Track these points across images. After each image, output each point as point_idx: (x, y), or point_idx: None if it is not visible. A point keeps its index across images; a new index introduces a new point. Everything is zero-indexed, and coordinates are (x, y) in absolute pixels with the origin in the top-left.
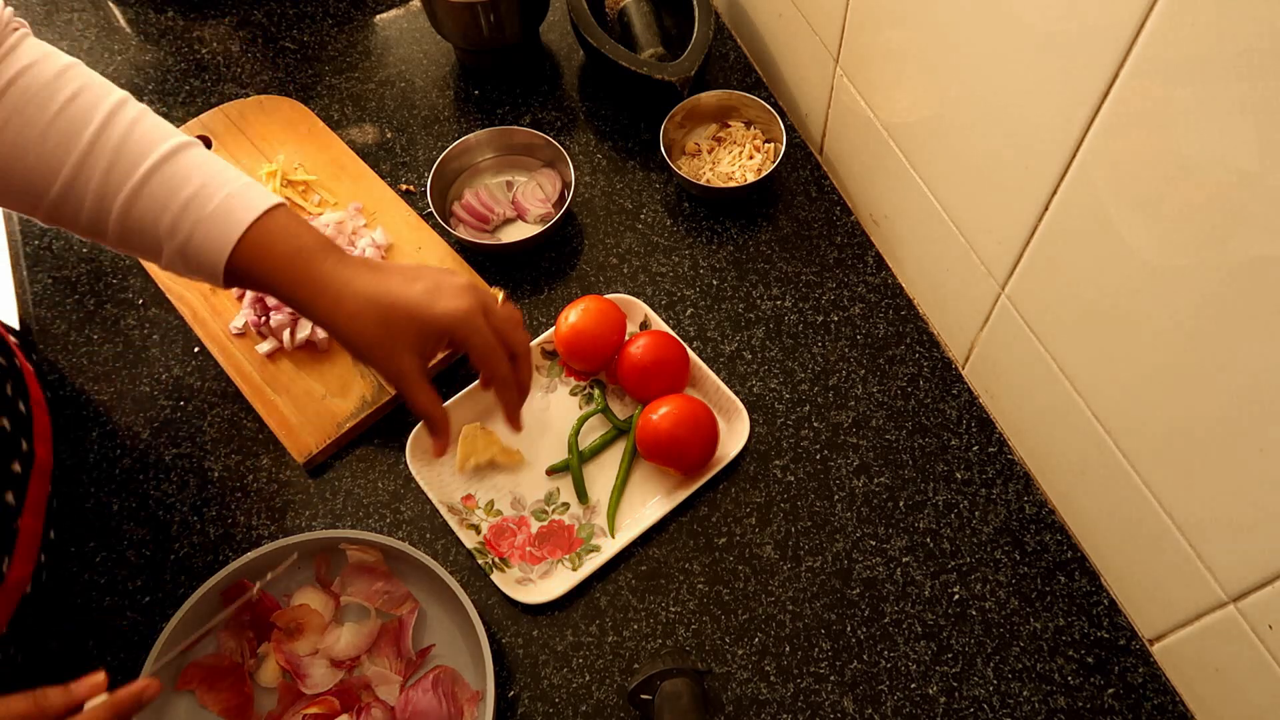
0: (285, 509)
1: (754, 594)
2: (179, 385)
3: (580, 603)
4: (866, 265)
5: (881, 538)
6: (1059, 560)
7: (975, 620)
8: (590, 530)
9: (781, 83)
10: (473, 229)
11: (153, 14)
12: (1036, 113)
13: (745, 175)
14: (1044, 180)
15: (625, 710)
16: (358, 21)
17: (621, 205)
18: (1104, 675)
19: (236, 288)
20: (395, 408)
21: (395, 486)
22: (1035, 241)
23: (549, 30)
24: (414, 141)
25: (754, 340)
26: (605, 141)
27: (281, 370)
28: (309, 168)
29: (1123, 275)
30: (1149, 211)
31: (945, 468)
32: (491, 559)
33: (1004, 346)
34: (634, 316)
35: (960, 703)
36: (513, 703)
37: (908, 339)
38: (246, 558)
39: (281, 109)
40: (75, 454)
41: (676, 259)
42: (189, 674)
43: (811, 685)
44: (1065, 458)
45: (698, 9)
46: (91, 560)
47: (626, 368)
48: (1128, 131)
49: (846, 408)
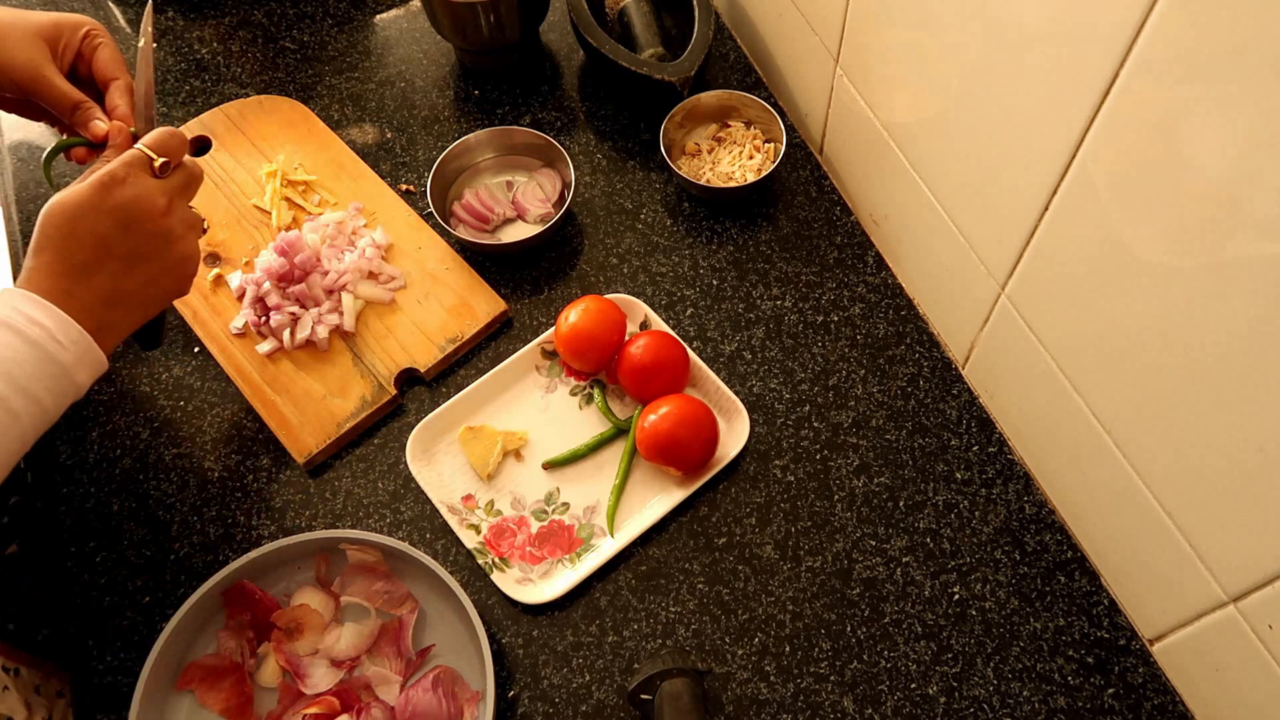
0: (285, 509)
1: (754, 594)
2: (179, 385)
3: (580, 603)
4: (866, 265)
5: (881, 538)
6: (1059, 560)
7: (975, 620)
8: (590, 530)
9: (781, 83)
10: (473, 229)
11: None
12: (1036, 113)
13: (745, 175)
14: (1044, 180)
15: (625, 710)
16: (358, 21)
17: (621, 205)
18: (1104, 675)
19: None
20: (395, 407)
21: (395, 486)
22: (1035, 241)
23: (549, 30)
24: (414, 141)
25: (754, 340)
26: (605, 141)
27: (281, 370)
28: (309, 168)
29: (1122, 275)
30: (1149, 211)
31: (945, 468)
32: (491, 559)
33: (1004, 346)
34: (634, 316)
35: (960, 703)
36: (513, 703)
37: (908, 339)
38: (246, 558)
39: (281, 109)
40: (75, 454)
41: (676, 259)
42: (189, 674)
43: (811, 685)
44: (1065, 458)
45: (698, 9)
46: (91, 560)
47: (626, 368)
48: (1128, 131)
49: (846, 408)
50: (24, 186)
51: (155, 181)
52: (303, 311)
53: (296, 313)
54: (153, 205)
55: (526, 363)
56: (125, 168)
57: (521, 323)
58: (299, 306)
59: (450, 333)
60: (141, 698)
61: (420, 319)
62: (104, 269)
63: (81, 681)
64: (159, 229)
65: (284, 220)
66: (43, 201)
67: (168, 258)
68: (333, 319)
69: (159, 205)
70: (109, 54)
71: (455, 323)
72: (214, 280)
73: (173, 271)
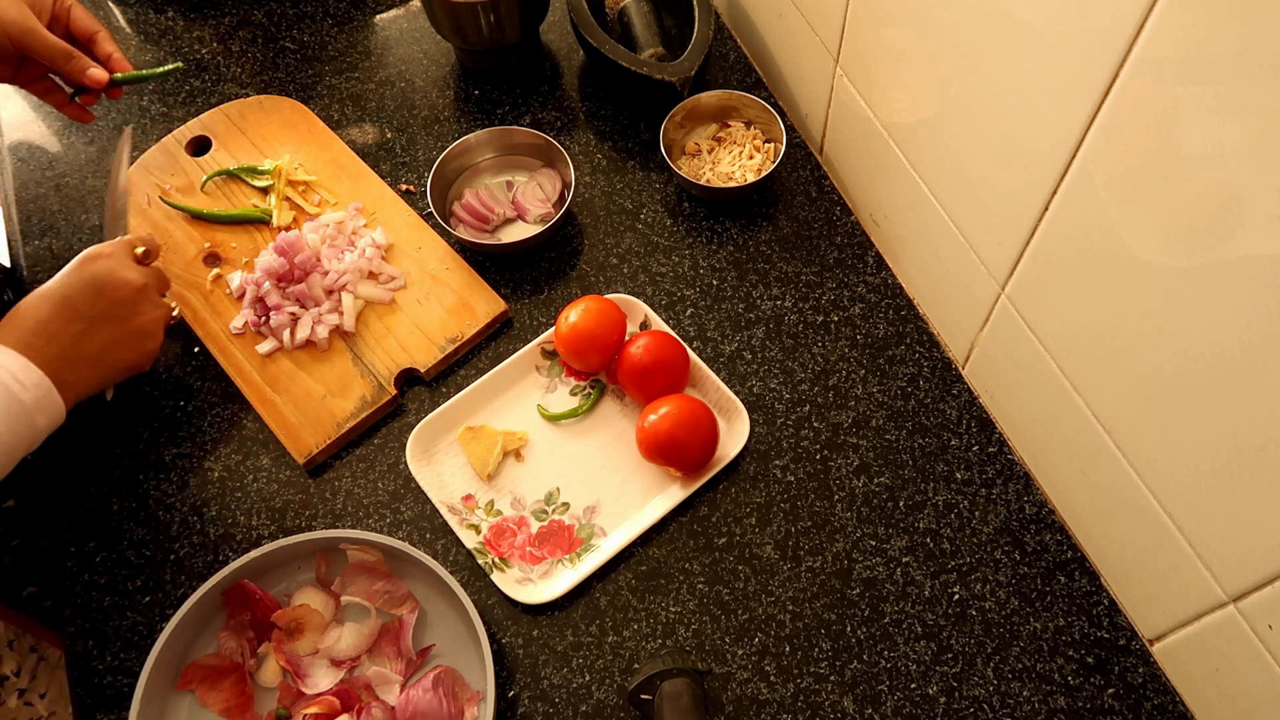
0: (285, 509)
1: (754, 594)
2: (179, 385)
3: (580, 603)
4: (866, 265)
5: (881, 538)
6: (1059, 560)
7: (975, 620)
8: (590, 530)
9: (781, 83)
10: (473, 229)
11: (153, 14)
12: (1036, 113)
13: (745, 175)
14: (1044, 180)
15: (625, 710)
16: (358, 21)
17: (621, 205)
18: (1104, 675)
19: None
20: (395, 407)
21: (395, 486)
22: (1035, 241)
23: (549, 30)
24: (414, 141)
25: (754, 340)
26: (605, 141)
27: (281, 370)
28: (309, 168)
29: (1122, 275)
30: (1149, 211)
31: (945, 468)
32: (491, 559)
33: (1004, 346)
34: (634, 316)
35: (960, 703)
36: (513, 703)
37: (908, 339)
38: (246, 558)
39: (281, 109)
40: (75, 454)
41: (676, 259)
42: (189, 674)
43: (811, 685)
44: (1065, 458)
45: (698, 9)
46: (91, 560)
47: (626, 368)
48: (1128, 131)
49: (846, 408)
50: (24, 186)
51: (132, 264)
52: (303, 311)
53: (296, 313)
54: (124, 279)
55: (526, 363)
56: (111, 247)
57: (521, 323)
58: (299, 306)
59: (450, 333)
60: (142, 698)
61: (420, 319)
62: (68, 329)
63: (81, 681)
64: (125, 299)
65: (284, 220)
66: (43, 201)
67: (129, 326)
68: (333, 319)
69: (131, 280)
70: (81, 12)
71: (455, 323)
72: (214, 280)
73: (131, 342)
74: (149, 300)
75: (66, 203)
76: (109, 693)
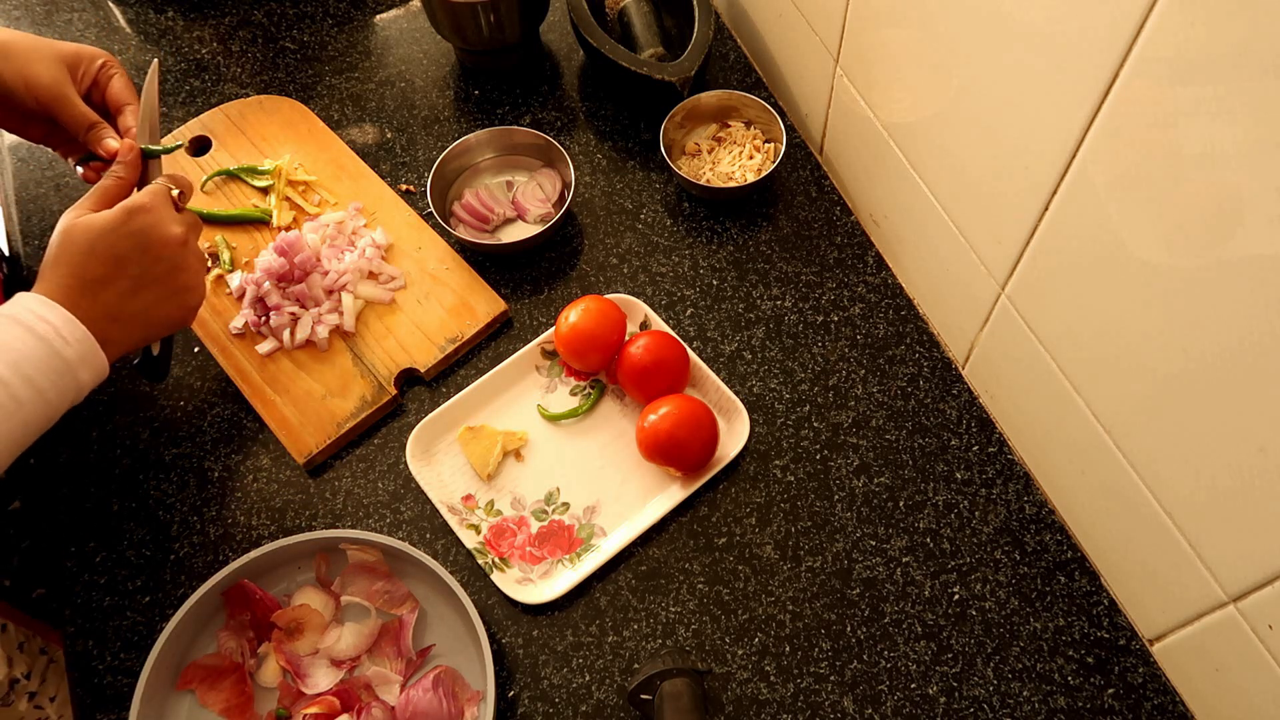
0: (285, 509)
1: (754, 594)
2: (179, 385)
3: (580, 603)
4: (866, 265)
5: (881, 538)
6: (1059, 560)
7: (975, 620)
8: (590, 530)
9: (781, 83)
10: (473, 229)
11: (153, 14)
12: (1036, 113)
13: (745, 175)
14: (1044, 180)
15: (625, 710)
16: (358, 21)
17: (621, 205)
18: (1104, 675)
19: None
20: (395, 407)
21: (395, 486)
22: (1035, 241)
23: (549, 30)
24: (414, 141)
25: (754, 340)
26: (605, 141)
27: (281, 370)
28: (309, 168)
29: (1122, 275)
30: (1148, 211)
31: (945, 468)
32: (491, 559)
33: (1004, 346)
34: (634, 316)
35: (960, 703)
36: (513, 703)
37: (908, 339)
38: (246, 558)
39: (281, 109)
40: (75, 454)
41: (676, 259)
42: (189, 674)
43: (811, 685)
44: (1065, 458)
45: (698, 9)
46: (91, 560)
47: (626, 368)
48: (1128, 131)
49: (846, 408)
50: (24, 186)
51: (174, 214)
52: (303, 311)
53: (296, 313)
54: (170, 233)
55: (526, 363)
56: (151, 197)
57: (521, 323)
58: (299, 306)
59: (450, 333)
60: (141, 698)
61: (420, 319)
62: (113, 286)
63: (81, 681)
64: (172, 255)
65: (284, 220)
66: (42, 201)
67: (174, 283)
68: (332, 319)
69: (176, 234)
70: (122, 83)
71: (455, 323)
72: (214, 280)
73: (177, 298)
74: (193, 253)
75: (66, 203)
76: (109, 693)
